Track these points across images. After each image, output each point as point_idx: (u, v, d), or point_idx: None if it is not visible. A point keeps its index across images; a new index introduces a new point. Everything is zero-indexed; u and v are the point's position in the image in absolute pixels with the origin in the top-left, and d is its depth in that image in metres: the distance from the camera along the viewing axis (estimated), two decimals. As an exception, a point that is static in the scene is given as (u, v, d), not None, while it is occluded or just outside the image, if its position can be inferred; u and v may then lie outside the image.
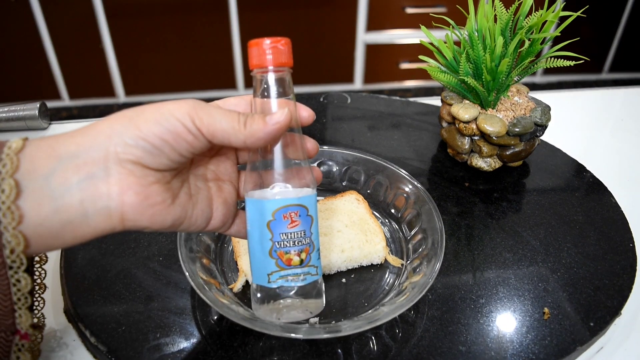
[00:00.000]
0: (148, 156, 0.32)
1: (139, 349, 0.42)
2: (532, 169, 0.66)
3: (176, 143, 0.32)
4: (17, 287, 0.33)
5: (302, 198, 0.37)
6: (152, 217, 0.33)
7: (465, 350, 0.43)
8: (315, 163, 0.59)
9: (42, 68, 1.94)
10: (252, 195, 0.37)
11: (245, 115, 0.34)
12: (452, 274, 0.50)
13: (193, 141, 0.33)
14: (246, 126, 0.34)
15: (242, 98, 0.39)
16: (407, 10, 2.06)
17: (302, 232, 0.37)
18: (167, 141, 0.32)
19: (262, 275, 0.38)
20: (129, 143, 0.31)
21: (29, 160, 0.30)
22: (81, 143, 0.31)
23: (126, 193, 0.31)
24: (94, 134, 0.31)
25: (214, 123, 0.33)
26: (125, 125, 0.32)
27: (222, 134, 0.33)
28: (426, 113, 0.78)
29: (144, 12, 1.90)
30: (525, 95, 0.66)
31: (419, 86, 2.29)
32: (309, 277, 0.38)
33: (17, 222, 0.29)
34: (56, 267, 0.51)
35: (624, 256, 0.53)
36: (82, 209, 0.31)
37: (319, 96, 0.81)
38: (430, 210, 0.50)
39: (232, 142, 0.34)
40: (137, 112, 0.32)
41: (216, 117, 0.33)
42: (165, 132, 0.32)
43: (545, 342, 0.44)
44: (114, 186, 0.31)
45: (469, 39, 0.62)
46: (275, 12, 1.99)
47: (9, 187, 0.29)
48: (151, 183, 0.32)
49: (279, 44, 0.35)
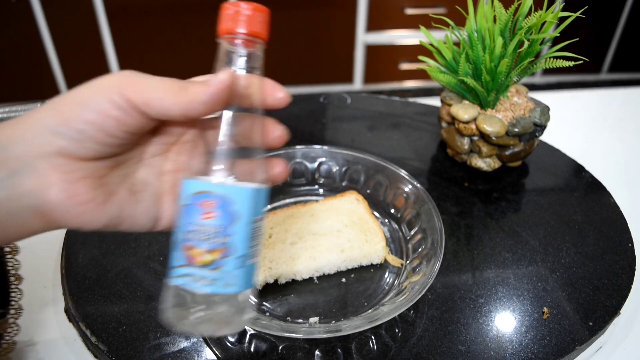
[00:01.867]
0: (72, 144, 0.28)
1: (140, 348, 0.42)
2: (531, 169, 0.67)
3: (102, 122, 0.28)
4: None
5: (230, 187, 0.30)
6: (81, 216, 0.29)
7: (465, 350, 0.43)
8: (316, 163, 0.59)
9: (42, 68, 1.94)
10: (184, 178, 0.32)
11: (185, 81, 0.31)
12: (452, 273, 0.50)
13: (122, 117, 0.29)
14: (186, 91, 0.30)
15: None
16: (407, 10, 2.06)
17: (218, 228, 0.30)
18: (91, 122, 0.28)
19: (169, 268, 0.32)
20: (51, 132, 0.28)
21: None
22: (9, 135, 0.28)
23: (48, 191, 0.28)
24: (25, 127, 0.28)
25: (148, 91, 0.29)
26: (48, 112, 0.28)
27: (158, 104, 0.29)
28: (426, 113, 0.78)
29: (144, 13, 1.90)
30: (525, 95, 0.66)
31: (418, 86, 2.29)
32: (220, 287, 0.30)
33: None
34: (57, 267, 0.52)
35: (622, 256, 0.53)
36: (7, 208, 0.28)
37: (319, 96, 0.81)
38: (430, 210, 0.50)
39: (172, 113, 0.30)
40: (63, 96, 0.29)
41: (151, 85, 0.29)
42: (88, 112, 0.28)
43: (544, 342, 0.44)
44: (37, 184, 0.28)
45: (469, 39, 0.62)
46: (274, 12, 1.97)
47: None
48: (78, 179, 0.29)
49: (257, 11, 0.31)
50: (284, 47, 2.07)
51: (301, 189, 0.59)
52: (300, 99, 0.80)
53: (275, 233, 0.51)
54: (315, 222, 0.53)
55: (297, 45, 2.08)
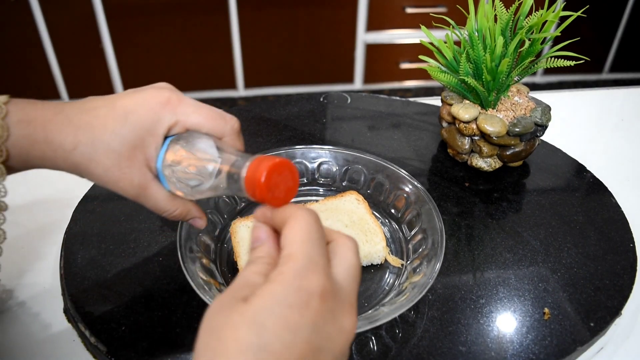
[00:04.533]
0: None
1: (139, 348, 0.42)
2: (532, 169, 0.66)
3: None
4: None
5: None
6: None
7: (466, 351, 0.43)
8: (316, 163, 0.59)
9: (41, 68, 1.94)
10: None
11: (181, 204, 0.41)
12: (452, 274, 0.50)
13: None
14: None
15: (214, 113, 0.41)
16: (407, 10, 2.06)
17: None
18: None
19: None
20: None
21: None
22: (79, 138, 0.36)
23: (96, 168, 0.37)
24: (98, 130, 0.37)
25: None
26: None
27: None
28: (426, 113, 0.78)
29: (144, 12, 1.90)
30: (526, 95, 0.66)
31: (419, 86, 2.29)
32: None
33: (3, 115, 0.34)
34: (56, 267, 0.51)
35: (624, 256, 0.53)
36: (52, 163, 0.36)
37: (319, 96, 0.81)
38: (431, 211, 0.50)
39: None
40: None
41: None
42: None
43: (545, 343, 0.44)
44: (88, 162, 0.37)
45: (469, 38, 0.62)
46: (275, 12, 1.98)
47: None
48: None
49: (290, 194, 0.32)
50: (284, 46, 2.07)
51: (301, 189, 0.59)
52: (300, 99, 0.79)
53: (275, 233, 0.51)
54: (315, 222, 0.52)
55: (297, 44, 2.08)
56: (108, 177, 0.37)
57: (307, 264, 0.27)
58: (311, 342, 0.25)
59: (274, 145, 0.68)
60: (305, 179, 0.59)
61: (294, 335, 0.25)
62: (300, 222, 0.29)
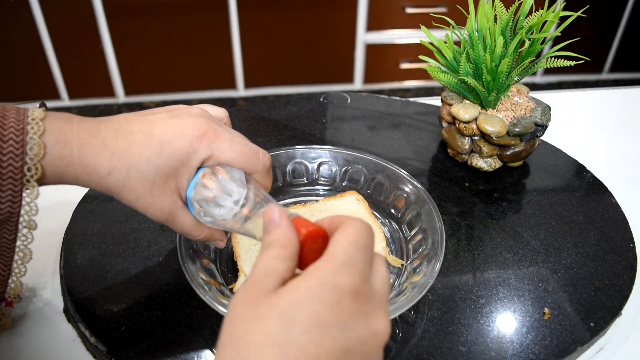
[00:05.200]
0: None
1: (139, 349, 0.42)
2: (532, 169, 0.66)
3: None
4: (19, 256, 0.37)
5: None
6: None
7: (466, 351, 0.43)
8: (316, 163, 0.59)
9: (41, 68, 1.94)
10: None
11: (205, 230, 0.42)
12: (452, 274, 0.50)
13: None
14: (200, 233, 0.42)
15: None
16: (407, 10, 2.06)
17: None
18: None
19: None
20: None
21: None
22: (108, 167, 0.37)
23: (127, 194, 0.38)
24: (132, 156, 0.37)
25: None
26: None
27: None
28: (426, 113, 0.78)
29: (144, 12, 1.90)
30: (526, 95, 0.66)
31: (419, 86, 2.29)
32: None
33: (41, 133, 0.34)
34: (56, 267, 0.51)
35: (624, 256, 0.53)
36: (85, 182, 0.37)
37: (319, 96, 0.81)
38: (431, 211, 0.50)
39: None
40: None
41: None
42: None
43: (545, 343, 0.44)
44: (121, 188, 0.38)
45: (469, 38, 0.62)
46: (275, 12, 1.98)
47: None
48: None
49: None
50: (284, 46, 2.07)
51: (301, 189, 0.59)
52: (300, 99, 0.79)
53: (275, 233, 0.51)
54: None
55: (297, 44, 2.08)
56: (139, 203, 0.38)
57: (347, 263, 0.27)
58: (340, 342, 0.25)
59: (274, 145, 0.68)
60: (305, 179, 0.59)
61: (322, 331, 0.24)
62: (351, 228, 0.29)
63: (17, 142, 0.33)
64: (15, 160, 0.33)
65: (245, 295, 0.26)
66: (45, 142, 0.34)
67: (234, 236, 0.50)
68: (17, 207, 0.35)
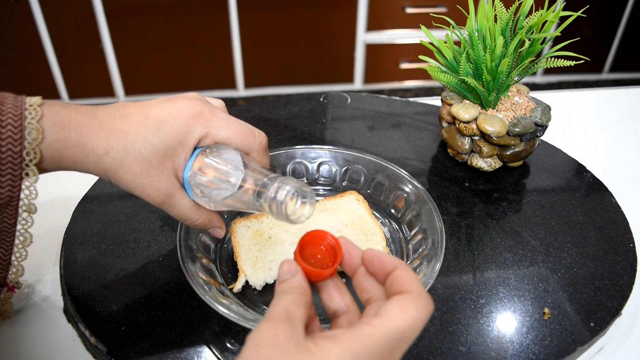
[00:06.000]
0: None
1: (139, 349, 0.42)
2: (532, 169, 0.66)
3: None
4: (20, 240, 0.37)
5: None
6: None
7: (466, 351, 0.43)
8: (316, 163, 0.59)
9: (41, 68, 1.94)
10: None
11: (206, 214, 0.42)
12: (452, 274, 0.50)
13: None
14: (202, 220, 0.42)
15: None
16: (407, 10, 2.06)
17: None
18: None
19: None
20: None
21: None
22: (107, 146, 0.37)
23: (124, 175, 0.38)
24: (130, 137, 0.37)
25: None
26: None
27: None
28: (426, 113, 0.78)
29: (144, 12, 1.90)
30: (526, 95, 0.66)
31: (419, 86, 2.29)
32: None
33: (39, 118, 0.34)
34: (56, 268, 0.51)
35: (624, 256, 0.53)
36: (82, 167, 0.37)
37: (319, 96, 0.81)
38: (431, 211, 0.50)
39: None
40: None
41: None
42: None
43: (545, 343, 0.44)
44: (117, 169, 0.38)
45: (469, 38, 0.62)
46: (275, 12, 1.98)
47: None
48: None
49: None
50: (284, 46, 2.07)
51: (301, 189, 0.59)
52: (300, 99, 0.79)
53: (274, 234, 0.51)
54: (315, 222, 0.52)
55: (297, 44, 2.08)
56: (136, 183, 0.38)
57: (384, 352, 0.27)
58: None
59: (274, 145, 0.68)
60: (305, 179, 0.59)
61: None
62: (412, 309, 0.28)
63: (16, 127, 0.34)
64: (14, 145, 0.34)
65: (271, 334, 0.26)
66: (43, 126, 0.34)
67: (234, 236, 0.50)
68: (17, 191, 0.35)
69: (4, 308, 0.43)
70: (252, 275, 0.47)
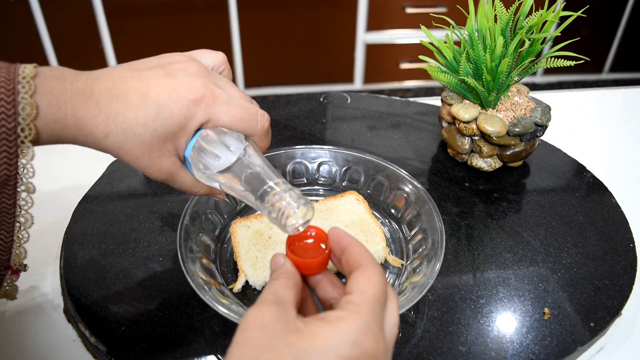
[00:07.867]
0: None
1: (139, 349, 0.42)
2: (532, 169, 0.66)
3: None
4: (21, 221, 0.37)
5: None
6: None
7: (466, 351, 0.43)
8: (316, 163, 0.59)
9: (42, 68, 1.94)
10: None
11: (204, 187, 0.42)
12: (452, 274, 0.50)
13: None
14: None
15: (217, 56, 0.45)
16: (407, 10, 2.06)
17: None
18: None
19: None
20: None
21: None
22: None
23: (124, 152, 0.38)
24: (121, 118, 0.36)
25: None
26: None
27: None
28: (426, 113, 0.78)
29: (144, 12, 1.90)
30: (526, 95, 0.66)
31: (419, 86, 2.29)
32: None
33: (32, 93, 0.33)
34: (56, 268, 0.51)
35: (624, 256, 0.53)
36: (83, 141, 0.36)
37: (319, 96, 0.81)
38: (431, 211, 0.50)
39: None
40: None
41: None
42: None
43: (545, 343, 0.44)
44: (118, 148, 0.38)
45: (469, 39, 0.62)
46: (275, 12, 1.98)
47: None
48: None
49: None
50: (284, 46, 2.07)
51: (301, 189, 0.59)
52: (300, 99, 0.79)
53: (274, 234, 0.51)
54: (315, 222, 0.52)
55: (297, 44, 2.08)
56: (138, 164, 0.38)
57: (371, 323, 0.27)
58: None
59: (274, 145, 0.68)
60: (305, 179, 0.59)
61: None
62: (376, 277, 0.29)
63: (9, 102, 0.33)
64: (8, 122, 0.33)
65: (260, 320, 0.27)
66: (38, 104, 0.33)
67: (234, 236, 0.50)
68: (14, 169, 0.35)
69: (9, 290, 0.43)
70: (252, 275, 0.47)
